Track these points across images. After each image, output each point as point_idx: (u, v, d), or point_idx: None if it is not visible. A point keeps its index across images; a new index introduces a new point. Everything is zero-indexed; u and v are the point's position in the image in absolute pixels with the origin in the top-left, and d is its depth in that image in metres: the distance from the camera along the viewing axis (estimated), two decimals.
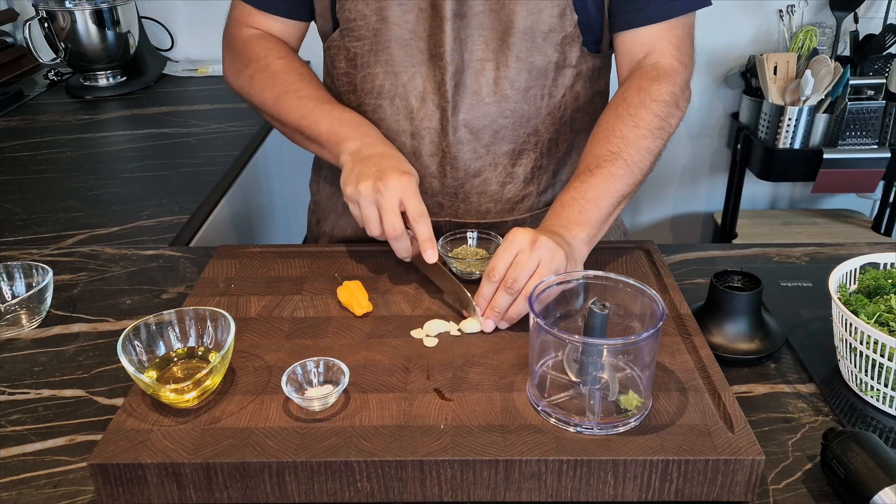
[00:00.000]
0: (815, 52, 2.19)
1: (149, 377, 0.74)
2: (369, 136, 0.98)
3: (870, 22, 2.32)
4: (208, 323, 0.80)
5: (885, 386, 0.76)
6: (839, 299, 0.79)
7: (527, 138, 1.06)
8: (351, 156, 0.96)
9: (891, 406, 0.77)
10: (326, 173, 1.23)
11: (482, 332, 0.84)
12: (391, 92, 1.03)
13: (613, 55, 1.08)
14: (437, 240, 0.98)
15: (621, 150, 0.93)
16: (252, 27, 1.12)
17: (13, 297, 0.98)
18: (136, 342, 0.77)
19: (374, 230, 0.90)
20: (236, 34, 1.12)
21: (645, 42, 1.01)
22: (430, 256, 0.88)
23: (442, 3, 0.97)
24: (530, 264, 0.81)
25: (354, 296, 0.89)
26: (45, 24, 1.93)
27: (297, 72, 1.06)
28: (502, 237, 0.96)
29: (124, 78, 2.07)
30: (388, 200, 0.88)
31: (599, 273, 0.77)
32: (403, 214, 0.89)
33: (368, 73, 1.04)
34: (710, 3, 1.02)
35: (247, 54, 1.09)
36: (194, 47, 2.32)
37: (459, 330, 0.84)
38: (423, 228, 0.88)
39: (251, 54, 1.08)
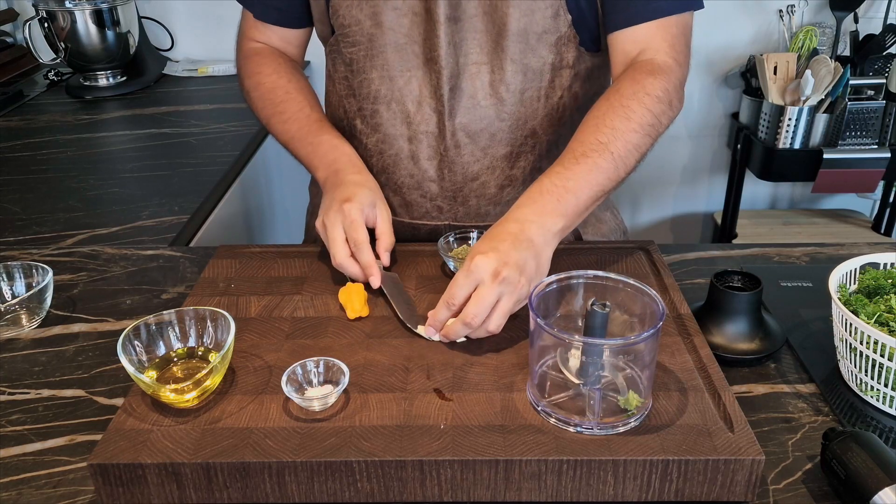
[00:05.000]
0: (815, 52, 2.19)
1: (149, 377, 0.74)
2: (336, 163, 1.00)
3: (870, 22, 2.32)
4: (208, 323, 0.80)
5: (885, 386, 0.76)
6: (839, 299, 0.79)
7: (524, 141, 1.05)
8: (322, 187, 1.01)
9: (891, 406, 0.78)
10: None
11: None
12: (387, 97, 1.03)
13: (610, 60, 1.07)
14: (438, 240, 0.98)
15: (609, 142, 0.90)
16: (254, 40, 1.16)
17: (13, 297, 0.98)
18: (136, 342, 0.77)
19: (335, 263, 0.92)
20: (240, 47, 1.16)
21: (639, 39, 0.99)
22: (373, 282, 0.90)
23: (435, 7, 0.97)
24: (491, 298, 0.79)
25: (350, 299, 0.88)
26: (45, 24, 1.93)
27: (284, 89, 1.09)
28: None
29: (124, 78, 2.07)
30: (330, 233, 0.92)
31: (599, 273, 0.77)
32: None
33: (364, 79, 1.04)
34: (703, 6, 1.00)
35: (245, 70, 1.14)
36: (194, 47, 2.32)
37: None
38: (363, 257, 0.91)
39: (247, 70, 1.13)
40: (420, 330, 0.84)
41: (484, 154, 1.05)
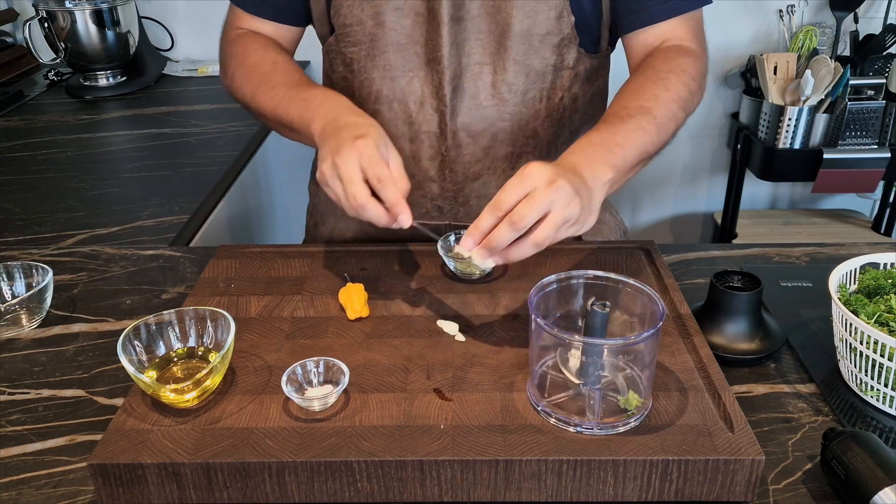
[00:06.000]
0: (815, 52, 2.19)
1: (149, 377, 0.74)
2: (332, 110, 0.90)
3: (870, 22, 2.32)
4: (208, 323, 0.80)
5: (885, 386, 0.76)
6: (839, 299, 0.79)
7: (525, 141, 1.05)
8: (319, 138, 0.88)
9: (891, 406, 0.78)
10: None
11: (482, 338, 0.84)
12: (389, 97, 1.03)
13: (624, 53, 1.06)
14: (438, 240, 0.98)
15: (652, 108, 0.89)
16: (242, 29, 1.11)
17: (13, 297, 0.98)
18: (136, 342, 0.77)
19: (349, 209, 0.81)
20: (225, 37, 1.11)
21: (661, 33, 1.00)
22: (403, 221, 0.80)
23: (438, 7, 0.97)
24: (544, 204, 0.73)
25: (350, 299, 0.88)
26: (45, 24, 1.93)
27: (271, 61, 1.02)
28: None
29: (124, 78, 2.07)
30: (345, 171, 0.80)
31: (599, 273, 0.77)
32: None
33: (366, 79, 1.03)
34: (711, 1, 1.02)
35: (228, 53, 1.08)
36: (194, 47, 2.32)
37: (461, 332, 0.84)
38: (388, 193, 0.79)
39: (231, 52, 1.07)
40: (458, 249, 0.78)
41: (485, 154, 1.05)
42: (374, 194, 0.80)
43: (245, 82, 1.03)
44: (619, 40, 1.09)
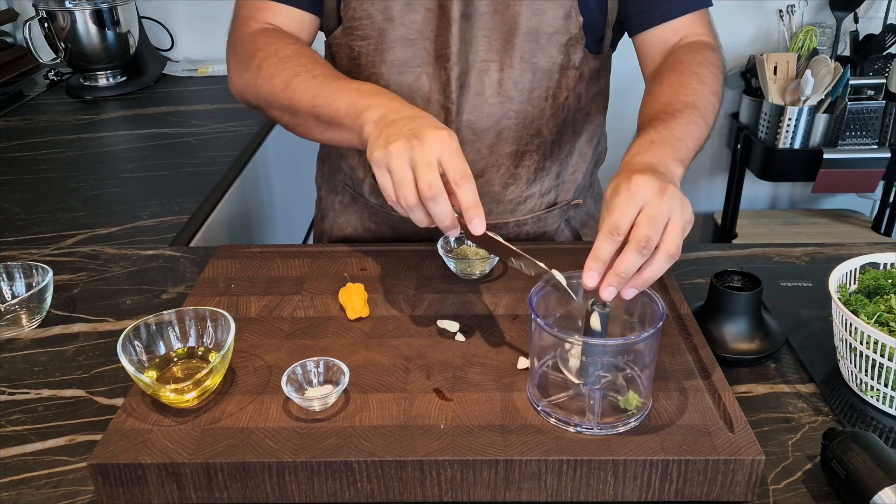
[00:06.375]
0: (815, 52, 2.19)
1: (149, 377, 0.74)
2: (394, 100, 0.84)
3: (870, 22, 2.32)
4: (208, 323, 0.80)
5: (885, 386, 0.76)
6: (839, 299, 0.79)
7: (530, 139, 1.05)
8: (376, 124, 0.81)
9: (891, 406, 0.78)
10: (327, 170, 1.23)
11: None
12: (396, 93, 1.02)
13: (636, 51, 1.06)
14: (438, 240, 0.98)
15: (695, 101, 0.88)
16: (262, 22, 1.04)
17: (13, 297, 0.98)
18: (136, 342, 0.77)
19: (409, 196, 0.73)
20: (243, 31, 1.04)
21: (678, 28, 1.00)
22: (477, 227, 0.73)
23: (449, 4, 0.97)
24: (663, 217, 0.69)
25: (350, 299, 0.88)
26: (45, 24, 1.93)
27: (309, 55, 0.97)
28: (503, 237, 0.95)
29: (124, 78, 2.07)
30: (424, 156, 0.72)
31: None
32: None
33: (372, 73, 1.03)
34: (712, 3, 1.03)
35: (254, 45, 1.00)
36: (194, 47, 2.32)
37: (461, 332, 0.84)
38: (468, 193, 0.72)
39: (259, 44, 0.99)
40: (585, 286, 0.71)
41: (490, 152, 1.05)
42: None
43: (279, 71, 0.94)
44: (621, 42, 1.09)
